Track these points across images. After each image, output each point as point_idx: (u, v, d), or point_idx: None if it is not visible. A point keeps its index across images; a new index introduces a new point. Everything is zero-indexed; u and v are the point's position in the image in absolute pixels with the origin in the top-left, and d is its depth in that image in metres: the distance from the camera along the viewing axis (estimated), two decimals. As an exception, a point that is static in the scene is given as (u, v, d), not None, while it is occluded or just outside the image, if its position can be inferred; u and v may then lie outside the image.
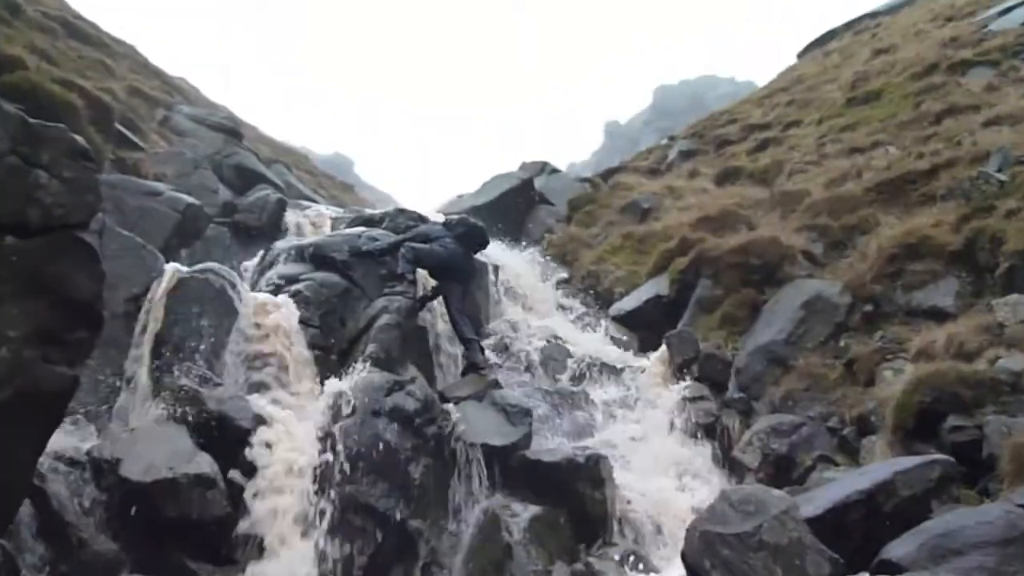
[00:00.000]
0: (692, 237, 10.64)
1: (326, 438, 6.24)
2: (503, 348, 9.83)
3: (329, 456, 6.11)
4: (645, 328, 10.21)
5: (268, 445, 6.29)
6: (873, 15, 24.03)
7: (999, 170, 8.07)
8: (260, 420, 6.43)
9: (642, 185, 16.49)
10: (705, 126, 21.54)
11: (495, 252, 12.02)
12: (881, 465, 5.14)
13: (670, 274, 10.41)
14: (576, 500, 6.66)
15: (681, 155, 19.00)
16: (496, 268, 11.46)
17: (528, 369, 9.51)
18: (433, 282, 8.80)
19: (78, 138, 4.07)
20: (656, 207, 14.17)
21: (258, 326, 7.59)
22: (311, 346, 7.72)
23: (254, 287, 8.58)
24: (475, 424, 7.02)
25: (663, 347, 8.94)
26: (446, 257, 8.57)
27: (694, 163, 17.38)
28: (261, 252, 9.89)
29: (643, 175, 18.39)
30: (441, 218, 10.47)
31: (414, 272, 8.66)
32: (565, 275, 13.19)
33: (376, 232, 9.72)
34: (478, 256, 9.63)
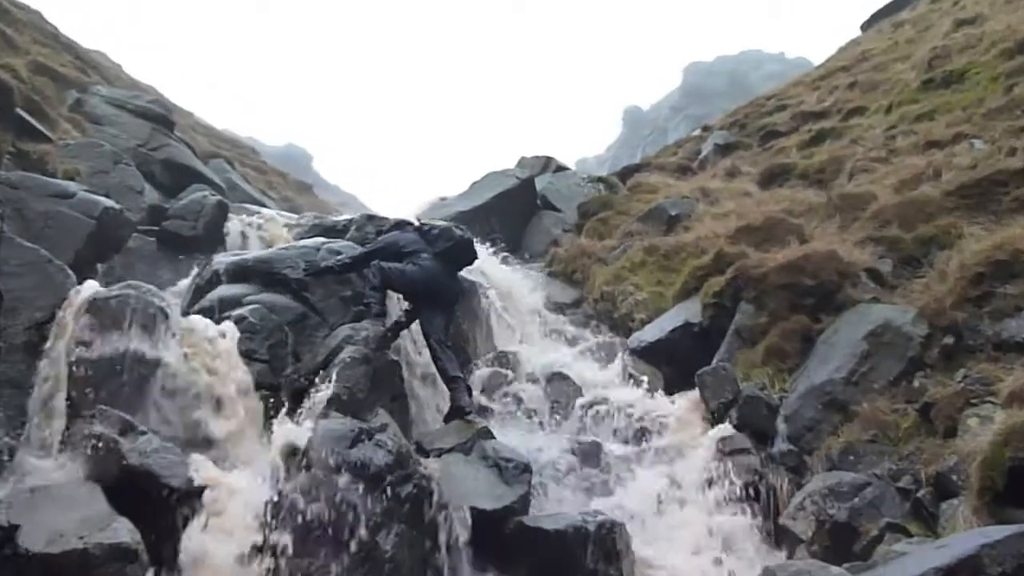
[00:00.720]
0: (731, 251, 10.72)
1: (274, 500, 6.24)
2: (496, 388, 9.86)
3: (277, 522, 6.11)
4: (671, 364, 10.25)
5: (202, 508, 6.29)
6: (954, -22, 24.38)
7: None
8: (193, 477, 6.43)
9: (669, 187, 16.63)
10: (747, 114, 21.75)
11: (487, 269, 12.09)
12: (965, 536, 5.15)
13: (703, 297, 10.48)
14: (586, 579, 6.65)
15: (717, 149, 19.19)
16: (488, 289, 11.51)
17: (527, 414, 9.53)
18: (407, 304, 8.86)
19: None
20: (686, 214, 14.28)
21: (192, 360, 7.64)
22: (258, 385, 7.78)
23: (188, 312, 8.64)
24: (461, 483, 7.02)
25: (694, 388, 8.98)
26: (422, 278, 8.62)
27: (733, 159, 17.55)
28: (196, 268, 9.95)
29: (670, 174, 18.56)
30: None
31: (383, 300, 8.73)
32: (573, 297, 13.26)
33: (339, 244, 9.81)
34: (465, 273, 9.69)
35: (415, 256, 8.71)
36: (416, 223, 9.40)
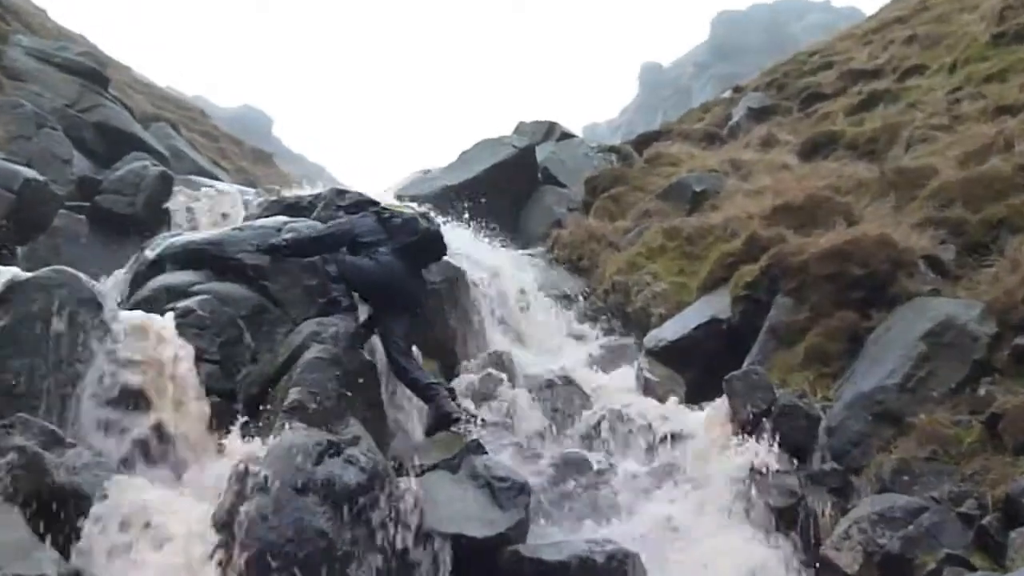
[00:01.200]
0: (766, 235, 10.72)
1: (226, 525, 6.23)
2: (488, 395, 9.87)
3: (230, 552, 6.11)
4: (696, 367, 10.27)
5: (140, 535, 6.28)
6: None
7: None
8: (130, 499, 6.42)
9: (693, 158, 16.64)
10: (786, 72, 21.74)
11: (478, 255, 12.09)
12: (1037, 570, 5.17)
13: (733, 289, 10.48)
14: (593, 620, 6.67)
15: (751, 115, 19.20)
16: (479, 278, 11.53)
17: (525, 425, 9.55)
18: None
19: None
20: (714, 190, 14.30)
21: (130, 361, 7.62)
22: (208, 390, 7.78)
23: (124, 303, 8.65)
24: (446, 506, 7.03)
25: (721, 395, 8.99)
26: (380, 277, 8.60)
27: (769, 126, 17.56)
28: (136, 253, 9.94)
29: (695, 143, 18.58)
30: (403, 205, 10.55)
31: (350, 292, 8.86)
32: (580, 289, 13.28)
33: (303, 223, 9.81)
34: (453, 261, 9.70)
35: (372, 249, 8.67)
36: (378, 207, 9.25)
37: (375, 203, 9.46)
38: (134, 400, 7.52)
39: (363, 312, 8.86)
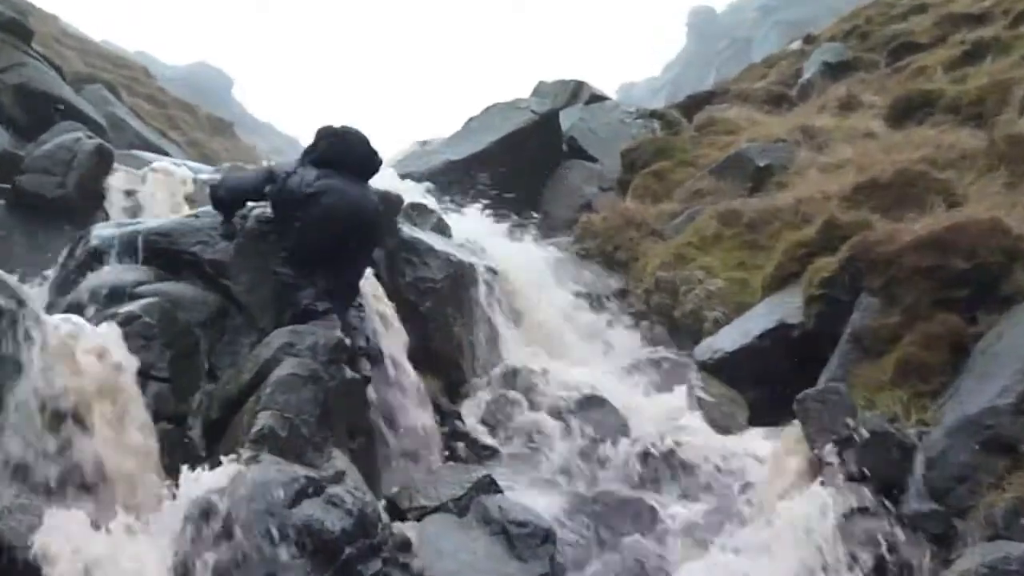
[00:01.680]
0: (846, 220, 10.69)
1: (181, 582, 6.24)
2: (504, 420, 9.89)
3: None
4: (760, 384, 10.26)
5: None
6: None
7: None
8: (61, 549, 6.42)
9: (755, 125, 16.61)
10: (869, 18, 21.71)
11: (489, 245, 12.10)
12: None
13: (806, 287, 10.45)
14: None
15: (826, 71, 19.16)
16: (490, 275, 11.53)
17: (548, 458, 9.54)
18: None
19: None
20: (781, 165, 14.27)
21: (59, 378, 7.60)
22: (156, 415, 7.75)
23: (53, 307, 8.62)
24: (452, 558, 7.02)
25: (792, 419, 8.95)
26: (324, 205, 8.90)
27: (849, 85, 17.49)
28: (67, 246, 9.93)
29: (757, 106, 18.53)
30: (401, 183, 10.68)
31: (329, 288, 8.93)
32: (615, 287, 13.27)
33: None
34: (456, 251, 9.69)
35: (298, 181, 9.03)
36: None
37: None
38: (66, 428, 7.50)
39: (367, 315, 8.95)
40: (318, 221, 8.90)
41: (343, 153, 9.15)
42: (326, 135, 9.26)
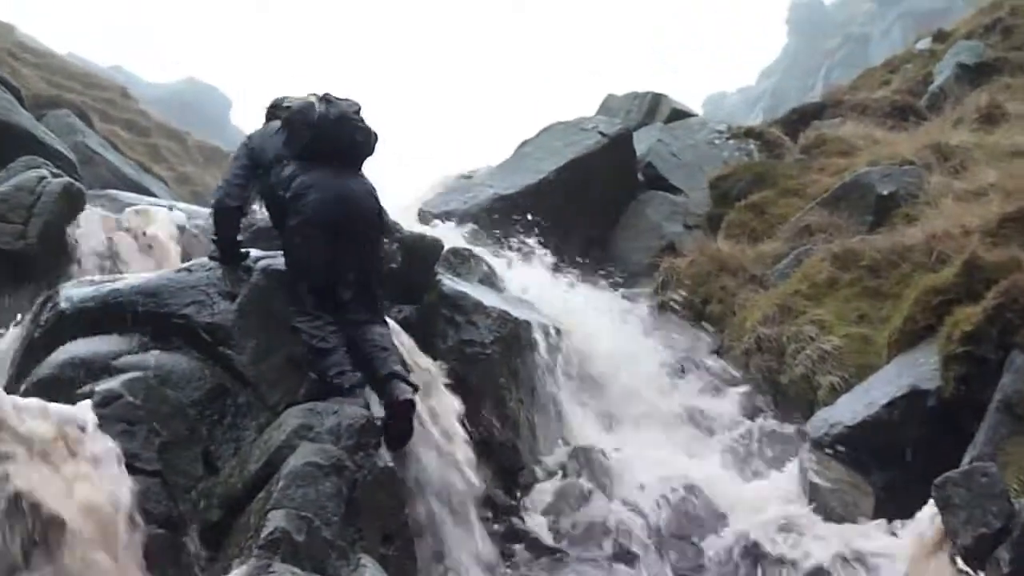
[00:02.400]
0: (992, 260, 10.62)
1: None
2: (572, 513, 9.88)
3: None
4: (889, 464, 10.19)
5: None
6: None
7: None
8: None
9: (876, 144, 16.59)
10: (1015, 9, 21.63)
11: (547, 299, 12.12)
12: None
13: (944, 343, 10.38)
14: None
15: (962, 75, 19.10)
16: (553, 335, 11.55)
17: (626, 561, 9.52)
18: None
19: None
20: (909, 193, 14.25)
21: (19, 473, 7.64)
22: (145, 516, 7.75)
23: (13, 386, 8.65)
24: None
25: (928, 507, 8.88)
26: (331, 202, 9.09)
27: (992, 92, 17.43)
28: (31, 309, 10.01)
29: (877, 120, 18.50)
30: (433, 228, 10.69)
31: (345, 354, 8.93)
32: (708, 347, 13.26)
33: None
34: (511, 310, 9.73)
35: (282, 172, 9.25)
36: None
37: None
38: (28, 529, 7.53)
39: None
40: (303, 225, 9.07)
41: (326, 146, 9.27)
42: (306, 127, 9.33)
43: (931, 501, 8.75)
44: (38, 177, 13.53)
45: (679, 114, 21.38)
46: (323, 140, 9.22)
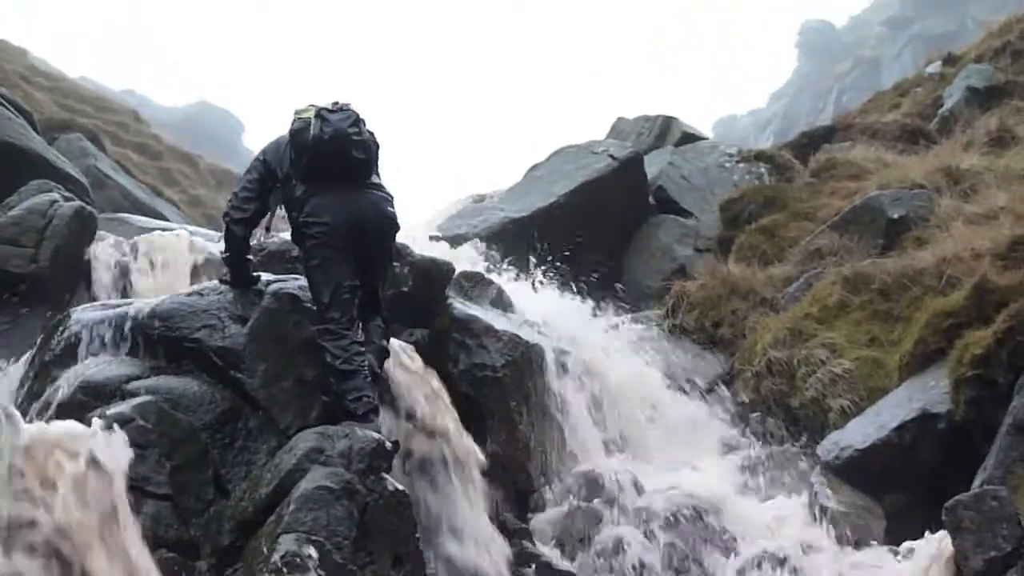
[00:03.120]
0: (1003, 283, 10.62)
1: None
2: (581, 535, 9.88)
3: None
4: (898, 488, 10.19)
5: None
6: None
7: None
8: None
9: (887, 167, 16.60)
10: (1026, 31, 21.63)
11: (559, 322, 12.13)
12: None
13: (955, 367, 10.37)
14: None
15: (973, 97, 19.10)
16: (563, 357, 11.55)
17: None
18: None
19: None
20: (919, 216, 14.25)
21: (32, 494, 7.64)
22: (155, 540, 7.74)
23: (24, 409, 8.65)
24: None
25: (941, 530, 8.88)
26: (343, 225, 9.18)
27: (1003, 115, 17.43)
28: (42, 332, 10.03)
29: (888, 143, 18.51)
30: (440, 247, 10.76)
31: (372, 372, 8.97)
32: (717, 370, 13.27)
33: (300, 283, 9.86)
34: (522, 334, 9.74)
35: (294, 192, 9.38)
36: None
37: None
38: (41, 551, 7.53)
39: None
40: (319, 247, 9.17)
41: (325, 166, 9.29)
42: (303, 150, 9.35)
43: (942, 524, 8.76)
44: (50, 201, 13.46)
45: (690, 137, 21.40)
46: (321, 161, 9.26)
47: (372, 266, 9.45)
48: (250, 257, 9.76)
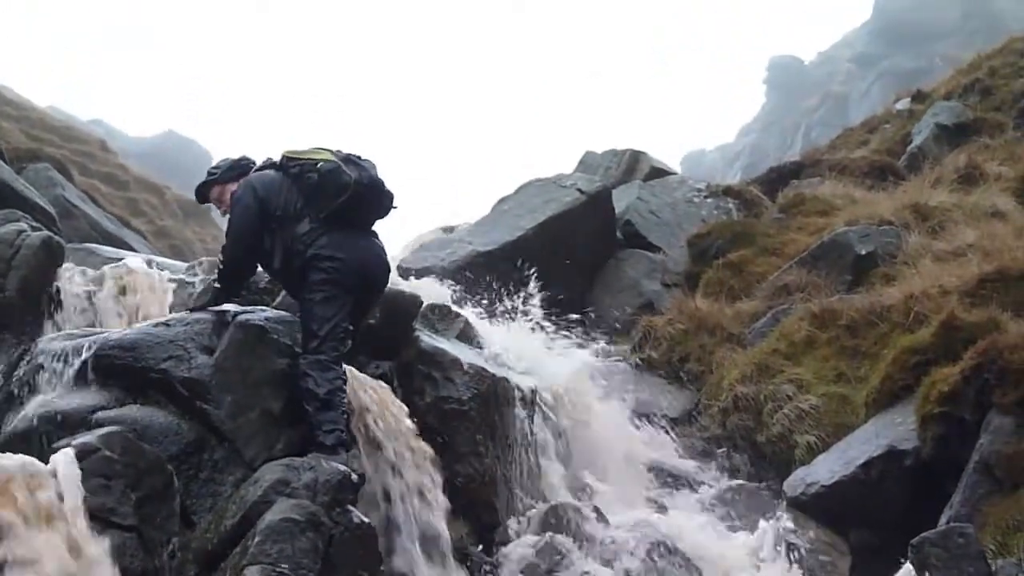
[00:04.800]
0: (970, 320, 10.69)
1: None
2: (547, 567, 9.86)
3: None
4: (864, 524, 10.24)
5: None
6: None
7: None
8: None
9: (855, 203, 16.69)
10: (993, 70, 21.83)
11: (525, 357, 12.15)
12: None
13: (922, 403, 10.42)
14: None
15: (941, 134, 19.25)
16: (530, 393, 11.56)
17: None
18: None
19: None
20: (887, 253, 14.33)
21: (-2, 531, 7.63)
22: (120, 572, 7.68)
23: (-11, 440, 8.64)
24: None
25: (905, 567, 8.91)
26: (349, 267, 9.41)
27: (970, 152, 17.55)
28: (8, 362, 10.01)
29: (856, 180, 18.62)
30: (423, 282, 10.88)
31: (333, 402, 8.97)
32: (684, 405, 13.30)
33: (267, 314, 9.85)
34: (488, 367, 9.77)
35: (298, 229, 9.47)
36: (277, 162, 10.02)
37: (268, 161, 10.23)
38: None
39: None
40: (325, 283, 9.28)
41: (356, 209, 9.50)
42: (353, 186, 9.43)
43: (908, 561, 8.79)
44: (17, 230, 13.42)
45: (658, 172, 21.50)
46: (355, 204, 9.44)
47: (364, 311, 9.78)
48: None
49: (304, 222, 9.45)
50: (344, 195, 9.37)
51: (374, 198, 9.65)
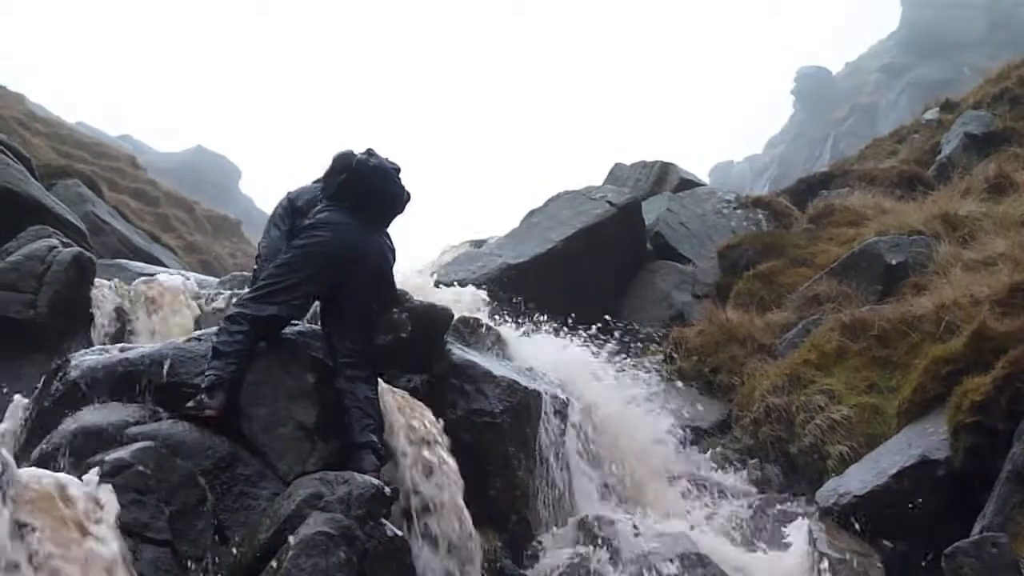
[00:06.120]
0: (1002, 330, 10.62)
1: None
2: (580, 588, 9.84)
3: None
4: (897, 535, 10.15)
5: None
6: None
7: None
8: None
9: (884, 213, 16.62)
10: (1022, 79, 21.70)
11: (557, 368, 12.12)
12: None
13: (954, 413, 10.37)
14: None
15: (971, 144, 19.15)
16: (560, 404, 11.53)
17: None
18: None
19: None
20: (918, 263, 14.26)
21: (31, 542, 7.61)
22: (156, 587, 7.72)
23: (23, 456, 8.63)
24: None
25: (941, 578, 8.88)
26: (322, 240, 9.52)
27: (1000, 162, 17.46)
28: (43, 378, 10.01)
29: (886, 190, 18.54)
30: (441, 292, 10.85)
31: (371, 424, 9.03)
32: (716, 417, 13.24)
33: (296, 329, 9.87)
34: (520, 380, 9.75)
35: (322, 213, 9.70)
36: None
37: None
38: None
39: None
40: (305, 253, 9.47)
41: (357, 190, 9.66)
42: (356, 166, 9.73)
43: (941, 571, 8.74)
44: (48, 247, 13.45)
45: (687, 183, 21.44)
46: (356, 184, 9.61)
47: (350, 301, 9.62)
48: None
49: (319, 204, 9.77)
50: (347, 173, 9.64)
51: (377, 182, 9.73)
